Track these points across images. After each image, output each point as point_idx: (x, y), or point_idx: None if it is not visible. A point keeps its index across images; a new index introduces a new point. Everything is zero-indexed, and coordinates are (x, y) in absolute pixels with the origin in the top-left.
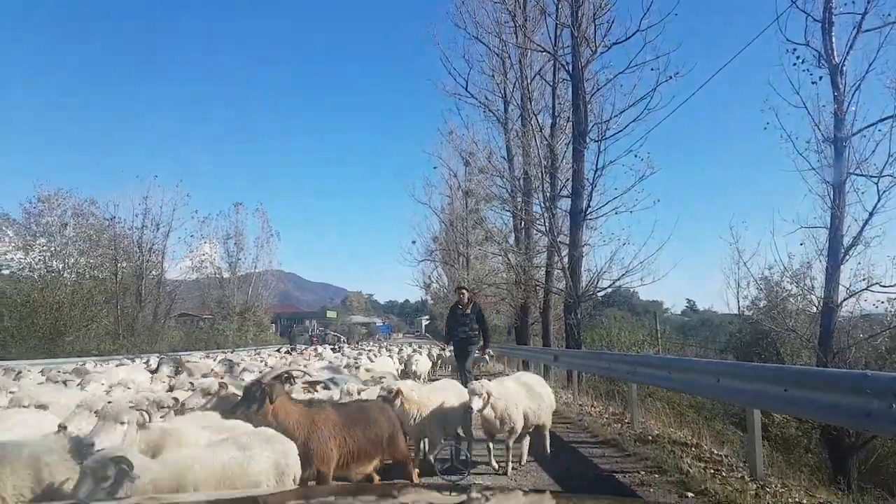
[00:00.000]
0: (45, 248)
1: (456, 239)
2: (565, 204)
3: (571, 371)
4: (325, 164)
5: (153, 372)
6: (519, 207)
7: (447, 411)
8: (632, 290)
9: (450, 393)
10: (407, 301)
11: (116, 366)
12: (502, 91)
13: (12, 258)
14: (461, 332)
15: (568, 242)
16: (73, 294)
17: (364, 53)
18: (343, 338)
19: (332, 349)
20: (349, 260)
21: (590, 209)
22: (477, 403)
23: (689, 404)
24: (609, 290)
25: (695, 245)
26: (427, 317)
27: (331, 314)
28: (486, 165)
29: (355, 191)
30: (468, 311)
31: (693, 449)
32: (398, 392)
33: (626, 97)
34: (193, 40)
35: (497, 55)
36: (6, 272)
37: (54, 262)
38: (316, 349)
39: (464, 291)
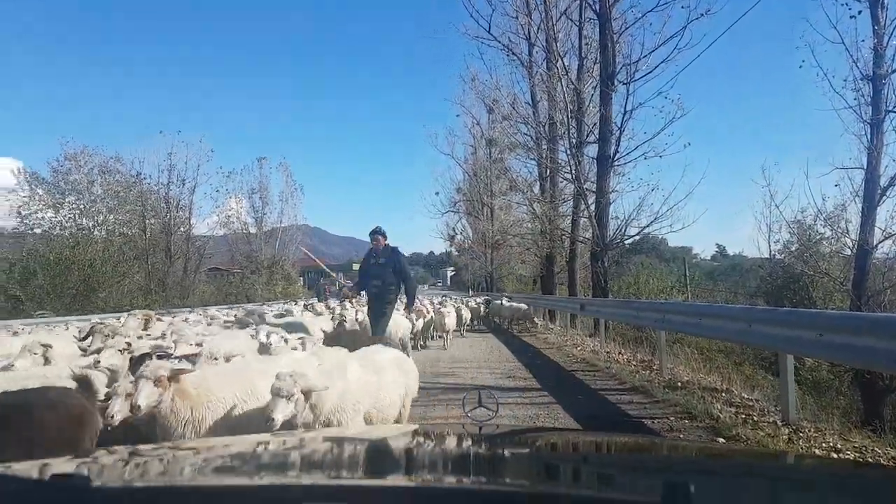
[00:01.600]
0: (74, 206)
1: (480, 189)
2: (592, 150)
3: (598, 319)
4: (348, 119)
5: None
6: (544, 155)
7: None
8: (660, 237)
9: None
10: (432, 253)
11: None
12: (526, 33)
13: (43, 217)
14: (373, 286)
15: (595, 189)
16: (105, 251)
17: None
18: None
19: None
20: (373, 213)
21: (617, 154)
22: (280, 411)
23: (718, 349)
24: (637, 237)
25: (726, 188)
26: (452, 268)
27: (356, 267)
28: (510, 112)
29: (378, 144)
30: (382, 259)
31: (723, 394)
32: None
33: (655, 36)
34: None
35: None
36: (38, 231)
37: (83, 220)
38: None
39: (378, 237)
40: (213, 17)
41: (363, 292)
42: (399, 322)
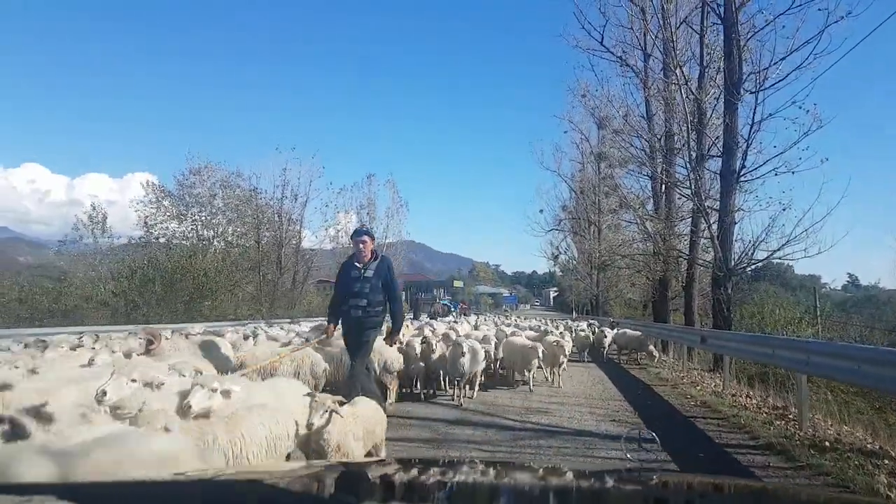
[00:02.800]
0: (196, 217)
1: (587, 207)
2: (713, 165)
3: (722, 356)
4: (456, 135)
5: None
6: (660, 169)
7: None
8: (786, 263)
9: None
10: (535, 272)
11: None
12: (642, 43)
13: (167, 227)
14: (356, 309)
15: (717, 208)
16: (223, 260)
17: (493, 19)
18: (451, 307)
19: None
20: (477, 231)
21: (744, 170)
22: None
23: (854, 391)
24: (765, 261)
25: (862, 211)
26: (555, 289)
27: (457, 284)
28: (623, 126)
29: (485, 160)
30: (368, 271)
31: (886, 461)
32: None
33: (787, 41)
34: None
35: (636, 4)
36: (162, 240)
37: (204, 231)
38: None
39: (365, 240)
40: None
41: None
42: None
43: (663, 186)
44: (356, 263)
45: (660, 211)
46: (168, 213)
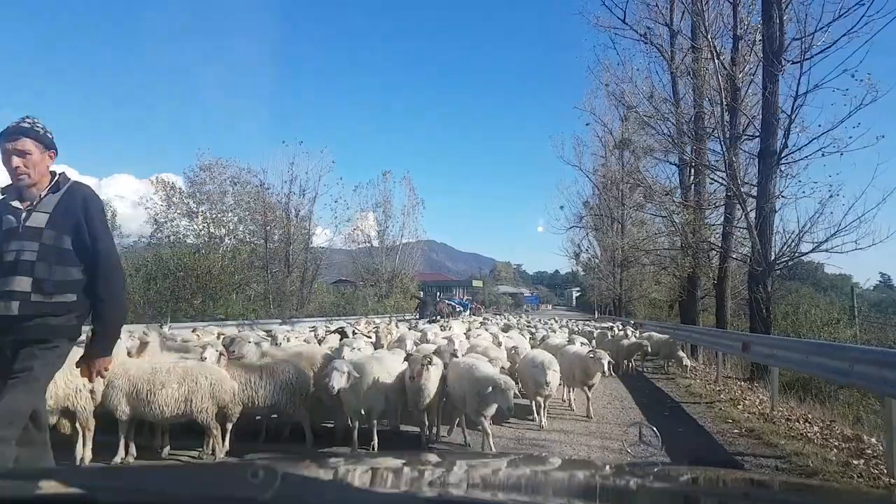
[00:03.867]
0: (206, 215)
1: (609, 203)
2: (750, 148)
3: (769, 367)
4: (476, 131)
5: None
6: (690, 150)
7: None
8: (816, 262)
9: None
10: (557, 272)
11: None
12: (667, 19)
13: (178, 224)
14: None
15: (755, 195)
16: (233, 259)
17: (509, 8)
18: (459, 308)
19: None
20: (499, 230)
21: (786, 150)
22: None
23: None
24: (811, 254)
25: None
26: (578, 288)
27: (477, 283)
28: (648, 110)
29: (507, 156)
30: (39, 214)
31: None
32: None
33: (836, 4)
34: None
35: None
36: (172, 239)
37: (214, 230)
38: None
39: (25, 143)
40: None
41: None
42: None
43: (692, 172)
44: (13, 203)
45: (689, 200)
46: (179, 211)
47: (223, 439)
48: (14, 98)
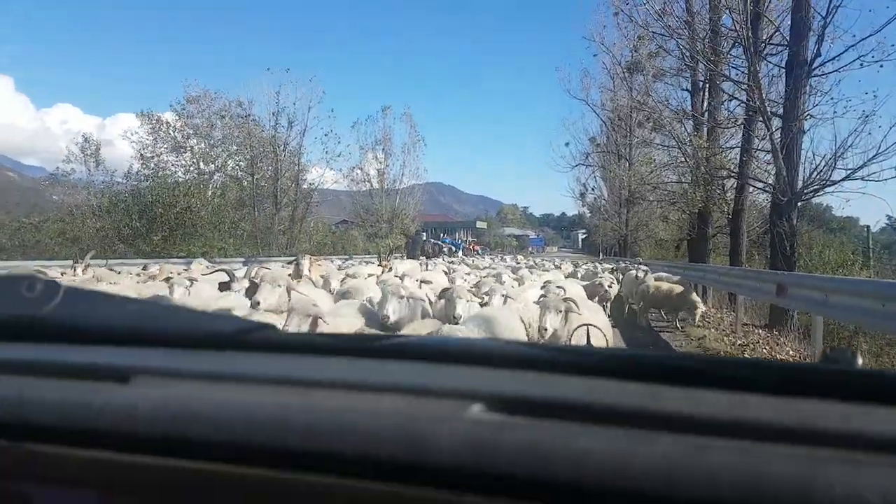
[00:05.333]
0: (195, 149)
1: (617, 139)
2: (774, 61)
3: (815, 319)
4: (482, 67)
5: None
6: (704, 68)
7: None
8: (824, 203)
9: None
10: (564, 214)
11: None
12: None
13: (165, 159)
14: None
15: (780, 114)
16: (221, 196)
17: None
18: (448, 248)
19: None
20: (506, 171)
21: (819, 59)
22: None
23: None
24: (843, 182)
25: None
26: (584, 231)
27: (481, 225)
28: (659, 28)
29: (514, 93)
30: None
31: None
32: None
33: None
34: None
35: None
36: (159, 173)
37: (203, 165)
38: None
39: None
40: None
41: None
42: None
43: (705, 96)
44: None
45: (700, 129)
46: (165, 145)
47: None
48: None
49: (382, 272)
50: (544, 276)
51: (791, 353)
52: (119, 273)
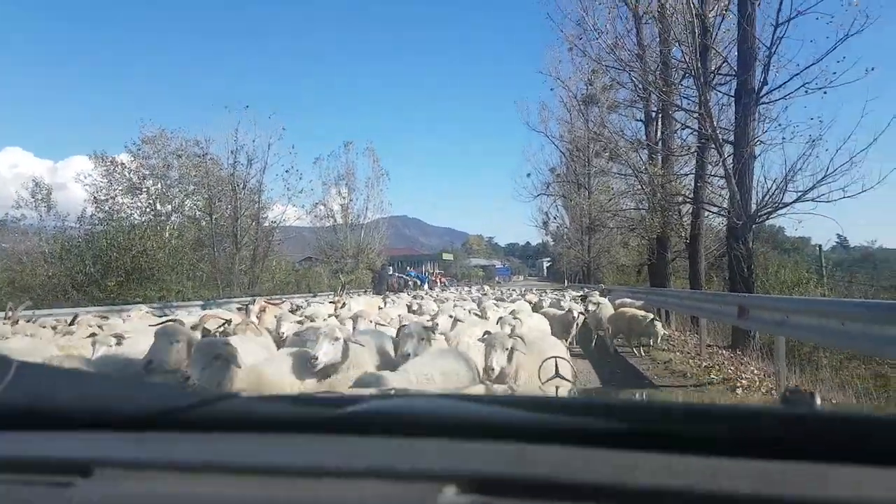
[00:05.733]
0: (151, 190)
1: (576, 169)
2: (722, 90)
3: (777, 339)
4: (446, 102)
5: None
6: (657, 98)
7: None
8: (776, 225)
9: None
10: (528, 243)
11: None
12: None
13: (120, 201)
14: None
15: (731, 140)
16: (179, 237)
17: None
18: (412, 282)
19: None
20: (472, 203)
21: (766, 87)
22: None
23: None
24: (794, 204)
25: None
26: (548, 259)
27: (447, 256)
28: (611, 61)
29: (476, 126)
30: None
31: None
32: None
33: None
34: None
35: None
36: (114, 216)
37: (160, 206)
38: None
39: None
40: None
41: None
42: None
43: (658, 126)
44: None
45: (655, 156)
46: (120, 187)
47: None
48: None
49: (335, 310)
50: (510, 307)
51: (755, 371)
52: (46, 327)
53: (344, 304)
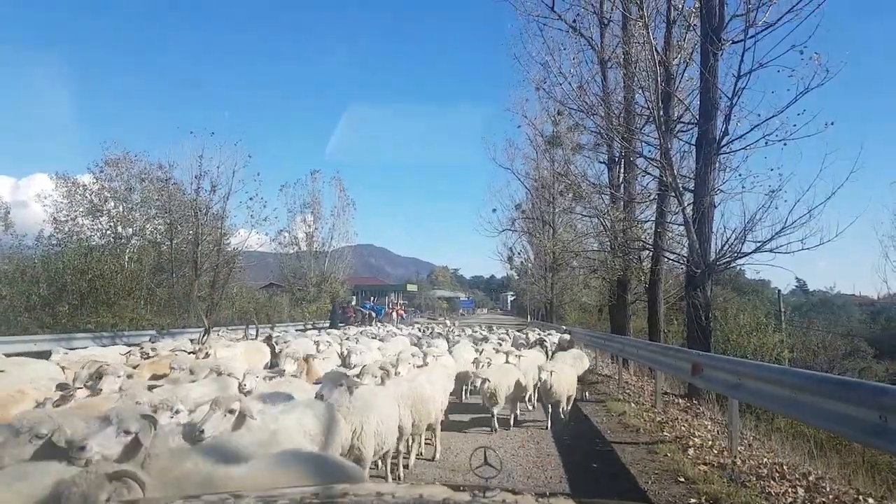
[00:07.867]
0: (112, 213)
1: (541, 207)
2: (684, 138)
3: (730, 400)
4: (414, 133)
5: None
6: (619, 143)
7: None
8: (738, 267)
9: None
10: (493, 276)
11: None
12: (597, 8)
13: (83, 223)
14: None
15: (692, 188)
16: (138, 261)
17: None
18: (367, 314)
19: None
20: (438, 235)
21: (726, 137)
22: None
23: None
24: (754, 254)
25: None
26: (513, 293)
27: (412, 287)
28: (577, 103)
29: (444, 159)
30: None
31: None
32: None
33: None
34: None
35: None
36: (74, 237)
37: (121, 229)
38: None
39: None
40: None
41: None
42: None
43: (621, 170)
44: None
45: (617, 200)
46: (81, 209)
47: None
48: None
49: (196, 358)
50: (466, 355)
51: (709, 427)
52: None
53: (207, 353)
